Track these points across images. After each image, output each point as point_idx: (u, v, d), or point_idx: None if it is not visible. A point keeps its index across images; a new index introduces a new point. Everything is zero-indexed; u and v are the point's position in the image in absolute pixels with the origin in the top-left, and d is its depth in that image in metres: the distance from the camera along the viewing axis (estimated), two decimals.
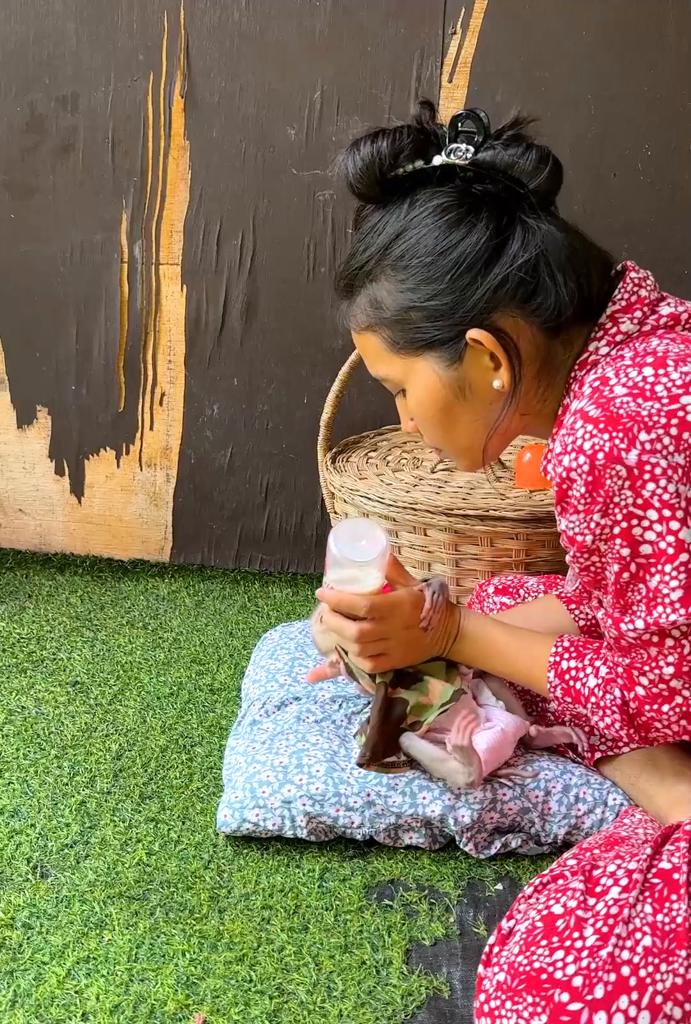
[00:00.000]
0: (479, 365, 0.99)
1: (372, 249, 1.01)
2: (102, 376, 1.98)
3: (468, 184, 0.98)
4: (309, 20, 1.75)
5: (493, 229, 0.96)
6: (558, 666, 1.08)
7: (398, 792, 1.17)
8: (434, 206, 0.97)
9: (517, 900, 0.90)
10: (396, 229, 0.99)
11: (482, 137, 0.97)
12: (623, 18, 1.71)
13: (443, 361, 1.00)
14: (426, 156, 0.98)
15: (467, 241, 0.96)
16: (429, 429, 1.07)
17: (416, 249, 0.98)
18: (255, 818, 1.17)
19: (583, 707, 1.05)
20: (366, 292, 1.02)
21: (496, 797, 1.16)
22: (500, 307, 0.96)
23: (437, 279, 0.97)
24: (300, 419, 1.95)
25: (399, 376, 1.04)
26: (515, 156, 0.96)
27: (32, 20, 1.80)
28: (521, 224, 0.96)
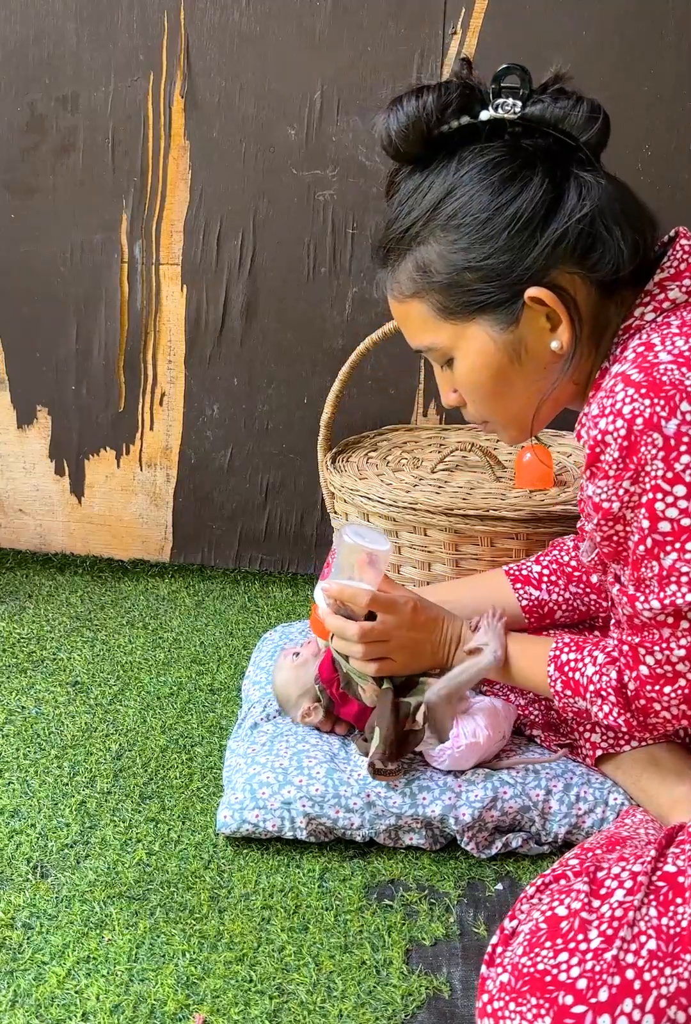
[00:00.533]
0: (536, 326, 0.96)
1: (417, 211, 0.97)
2: (102, 376, 1.98)
3: (517, 139, 0.95)
4: (309, 20, 1.75)
5: (548, 184, 0.93)
6: (558, 659, 1.08)
7: (398, 793, 1.17)
8: (485, 162, 0.94)
9: (519, 900, 0.90)
10: (445, 188, 0.95)
11: (528, 91, 0.94)
12: (623, 18, 1.71)
13: (498, 324, 0.96)
14: (473, 111, 0.95)
15: (523, 196, 0.93)
16: (479, 398, 1.03)
17: (469, 207, 0.94)
18: (255, 819, 1.17)
19: (582, 698, 1.05)
20: (412, 256, 0.98)
21: (497, 795, 1.16)
22: (558, 264, 0.93)
23: (493, 237, 0.93)
24: (300, 419, 1.95)
25: (448, 343, 1.00)
26: (566, 109, 0.93)
27: (32, 20, 1.81)
28: (575, 178, 0.93)
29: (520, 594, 1.29)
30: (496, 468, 1.68)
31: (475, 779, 1.18)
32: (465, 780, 1.18)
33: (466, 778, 1.18)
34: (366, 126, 1.78)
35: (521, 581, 1.30)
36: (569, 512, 1.51)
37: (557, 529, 1.51)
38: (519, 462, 1.63)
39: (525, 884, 1.13)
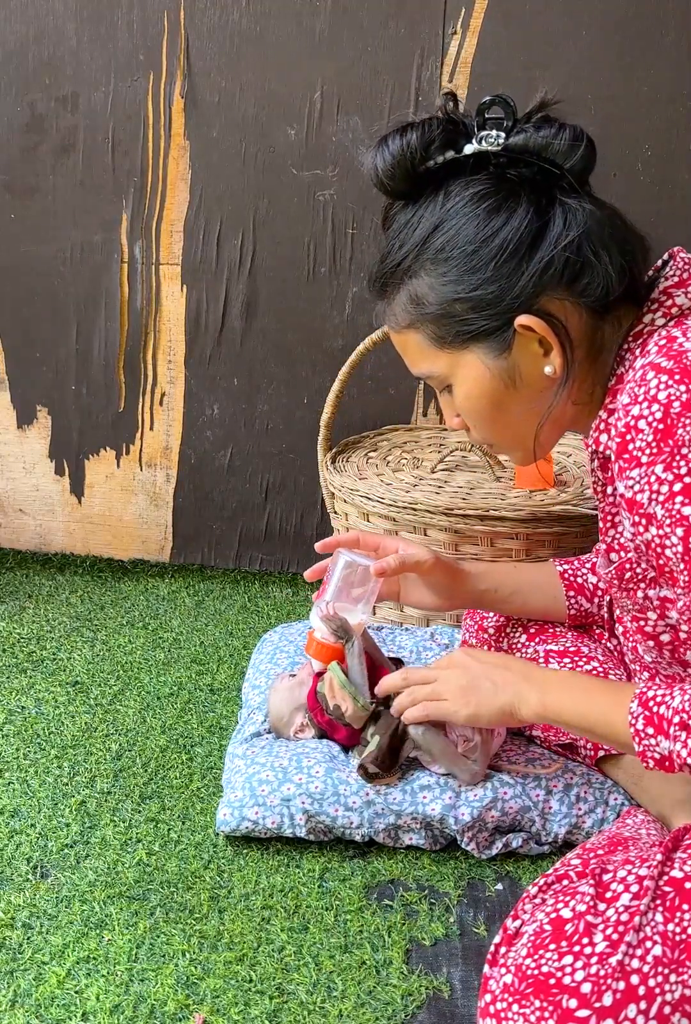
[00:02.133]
0: (529, 352, 0.97)
1: (409, 245, 0.99)
2: (102, 376, 1.98)
3: (502, 170, 0.96)
4: (309, 20, 1.75)
5: (533, 212, 0.94)
6: (644, 695, 0.95)
7: (398, 791, 1.17)
8: (471, 195, 0.95)
9: (521, 900, 0.90)
10: (433, 222, 0.97)
11: (511, 122, 0.96)
12: (623, 18, 1.71)
13: (492, 351, 0.98)
14: (457, 146, 0.97)
15: (509, 227, 0.94)
16: (479, 423, 1.04)
17: (456, 240, 0.96)
18: (254, 816, 1.17)
19: (666, 737, 0.91)
20: (405, 289, 1.00)
21: (497, 796, 1.16)
22: (547, 291, 0.94)
23: (481, 268, 0.95)
24: (300, 419, 1.95)
25: (445, 372, 1.01)
26: (548, 137, 0.94)
27: (32, 20, 1.81)
28: (561, 205, 0.94)
29: (571, 602, 1.28)
30: (496, 468, 1.68)
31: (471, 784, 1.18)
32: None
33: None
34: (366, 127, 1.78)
35: (575, 589, 1.29)
36: (569, 512, 1.51)
37: (557, 529, 1.51)
38: None
39: (525, 884, 1.13)
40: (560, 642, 1.29)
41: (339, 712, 1.21)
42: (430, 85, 1.76)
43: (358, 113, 1.78)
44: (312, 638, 1.26)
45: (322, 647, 1.24)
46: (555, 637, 1.30)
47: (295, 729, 1.27)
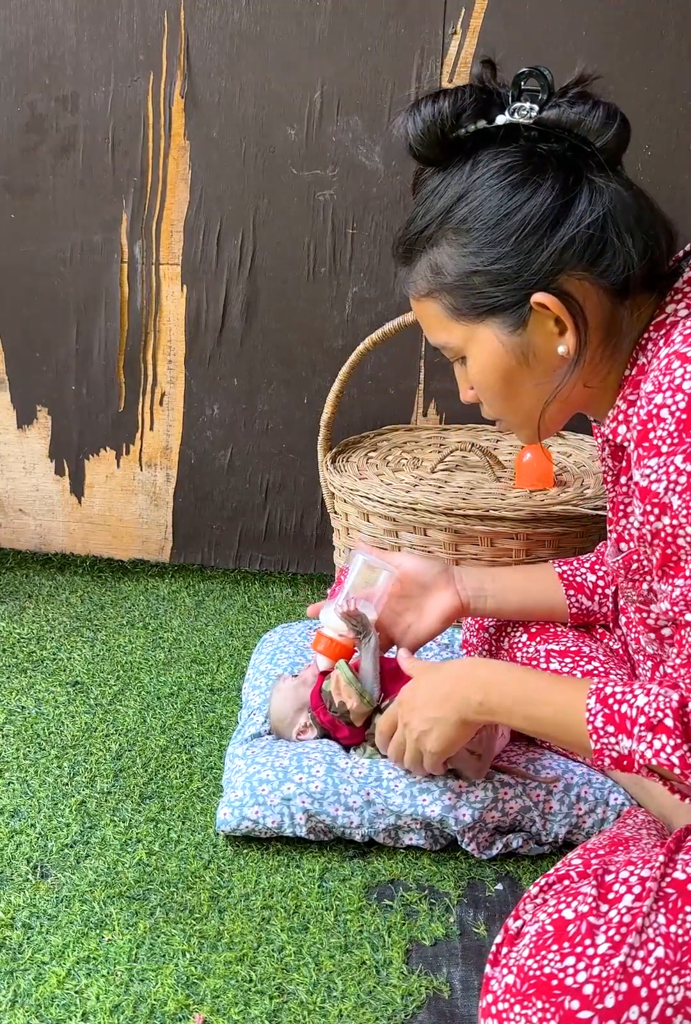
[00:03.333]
0: (544, 330, 0.96)
1: (433, 213, 0.98)
2: (102, 376, 1.98)
3: (533, 144, 0.94)
4: (309, 20, 1.75)
5: (559, 189, 0.92)
6: (601, 692, 0.92)
7: (398, 793, 1.17)
8: (498, 166, 0.94)
9: (522, 899, 0.89)
10: (458, 191, 0.96)
11: (546, 95, 0.94)
12: (623, 18, 1.71)
13: (506, 327, 0.97)
14: (489, 116, 0.95)
15: (532, 202, 0.93)
16: (490, 397, 1.04)
17: (479, 211, 0.95)
18: (254, 815, 1.17)
19: (628, 737, 0.88)
20: (426, 257, 0.99)
21: (497, 796, 1.16)
22: (567, 270, 0.93)
23: (501, 242, 0.94)
24: (300, 419, 1.95)
25: (459, 343, 1.01)
26: (581, 114, 0.92)
27: (32, 20, 1.81)
28: (588, 183, 0.93)
29: (571, 601, 1.28)
30: (496, 468, 1.68)
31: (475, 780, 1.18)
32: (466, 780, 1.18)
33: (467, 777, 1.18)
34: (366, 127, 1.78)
35: (574, 588, 1.29)
36: (569, 512, 1.51)
37: (557, 529, 1.51)
38: (519, 462, 1.63)
39: (525, 884, 1.13)
40: (561, 642, 1.29)
41: (344, 709, 1.21)
42: (430, 85, 1.76)
43: (358, 113, 1.78)
44: (320, 635, 1.26)
45: (331, 644, 1.24)
46: (556, 637, 1.30)
47: (298, 730, 1.27)
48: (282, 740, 1.29)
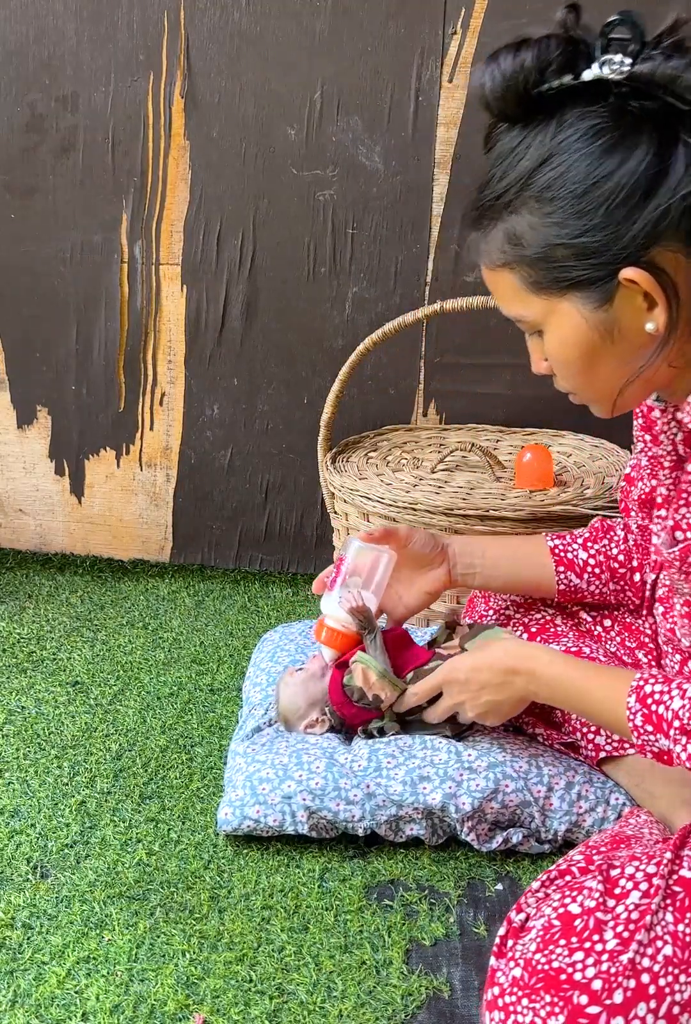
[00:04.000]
0: (632, 306, 0.89)
1: (511, 177, 0.90)
2: (102, 376, 1.98)
3: (624, 101, 0.86)
4: (309, 20, 1.75)
5: (653, 154, 0.85)
6: (641, 690, 0.94)
7: (398, 781, 1.17)
8: (585, 128, 0.86)
9: (525, 894, 0.89)
10: (541, 154, 0.88)
11: (639, 46, 0.85)
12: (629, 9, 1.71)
13: (591, 302, 0.90)
14: (575, 69, 0.87)
15: (624, 169, 0.85)
16: (567, 373, 0.98)
17: (565, 178, 0.87)
18: (256, 815, 1.17)
19: (665, 736, 0.91)
20: (503, 225, 0.92)
21: (498, 787, 1.16)
22: (659, 242, 0.86)
23: (589, 213, 0.87)
24: (300, 419, 1.95)
25: (538, 317, 0.94)
26: (678, 69, 0.83)
27: (32, 20, 1.81)
28: (685, 147, 0.85)
29: (560, 577, 1.27)
30: (496, 468, 1.68)
31: (477, 768, 1.18)
32: (467, 769, 1.18)
33: (468, 767, 1.18)
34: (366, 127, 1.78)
35: (564, 564, 1.28)
36: (569, 512, 1.51)
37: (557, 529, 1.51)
38: (519, 462, 1.63)
39: (525, 884, 1.13)
40: (562, 642, 1.29)
41: (378, 701, 1.22)
42: (430, 85, 1.76)
43: (358, 113, 1.78)
44: (323, 625, 1.26)
45: (335, 634, 1.24)
46: (557, 636, 1.30)
47: (307, 723, 1.27)
48: (283, 735, 1.29)
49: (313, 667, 1.29)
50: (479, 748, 1.22)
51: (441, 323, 1.85)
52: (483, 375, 1.88)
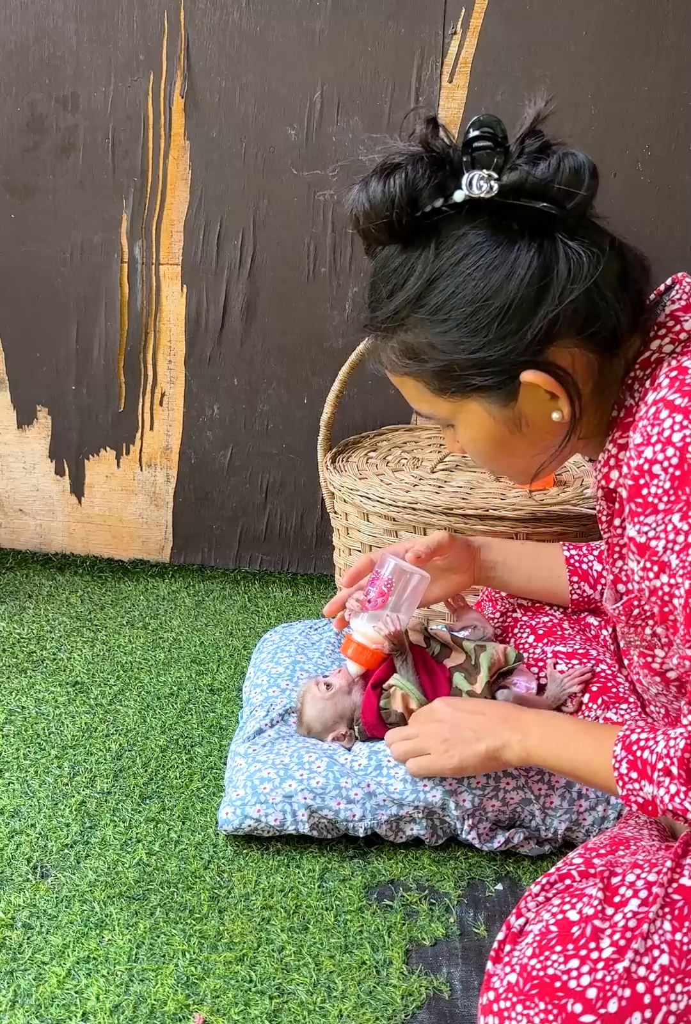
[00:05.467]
0: (536, 399, 0.92)
1: (401, 298, 0.92)
2: (102, 376, 1.98)
3: (498, 215, 0.88)
4: (309, 20, 1.75)
5: (536, 265, 0.86)
6: (627, 738, 0.94)
7: (399, 779, 1.17)
8: (466, 248, 0.88)
9: (524, 897, 0.89)
10: (426, 278, 0.90)
11: (503, 157, 0.86)
12: (623, 18, 1.71)
13: (496, 402, 0.93)
14: (445, 192, 0.88)
15: (511, 283, 0.87)
16: (482, 461, 1.02)
17: (454, 299, 0.89)
18: (257, 814, 1.17)
19: (649, 782, 0.90)
20: (399, 339, 0.94)
21: (499, 785, 1.16)
22: (554, 342, 0.89)
23: (482, 330, 0.89)
24: (300, 419, 1.95)
25: (446, 415, 0.97)
26: (546, 176, 0.85)
27: (32, 20, 1.80)
28: (564, 249, 0.87)
29: (574, 587, 1.29)
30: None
31: None
32: None
33: None
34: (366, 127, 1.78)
35: (579, 575, 1.29)
36: (569, 512, 1.51)
37: (557, 529, 1.51)
38: None
39: (525, 885, 1.13)
40: (569, 644, 1.29)
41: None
42: (430, 85, 1.76)
43: (358, 113, 1.78)
44: (350, 640, 1.27)
45: (362, 650, 1.25)
46: (563, 639, 1.30)
47: (335, 736, 1.27)
48: (284, 736, 1.29)
49: (341, 682, 1.29)
50: None
51: None
52: None
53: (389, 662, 1.26)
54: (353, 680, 1.28)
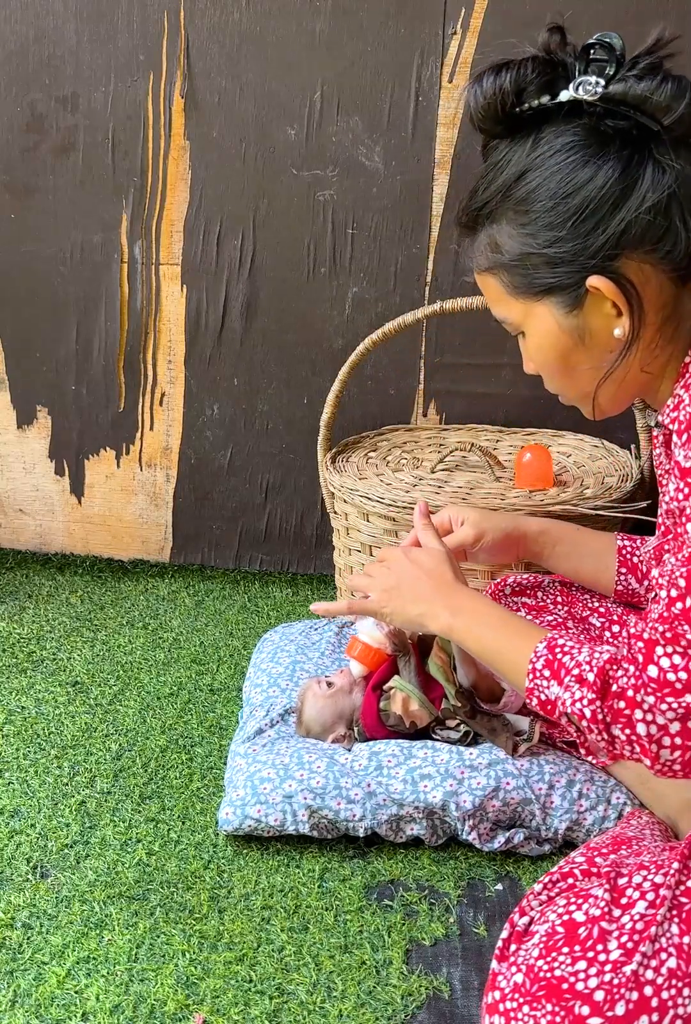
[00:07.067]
0: (600, 312, 0.94)
1: (493, 188, 0.96)
2: (102, 376, 1.98)
3: (597, 120, 0.91)
4: (309, 20, 1.75)
5: (621, 170, 0.90)
6: (554, 640, 0.98)
7: (399, 780, 1.17)
8: (560, 145, 0.92)
9: (526, 896, 0.89)
10: (519, 169, 0.94)
11: (614, 68, 0.91)
12: (623, 18, 1.71)
13: (563, 307, 0.96)
14: (553, 90, 0.92)
15: (592, 184, 0.90)
16: (547, 373, 1.04)
17: (538, 192, 0.93)
18: (257, 814, 1.17)
19: (558, 684, 0.93)
20: (486, 233, 0.98)
21: (499, 785, 1.16)
22: (626, 253, 0.91)
23: (558, 225, 0.92)
24: (300, 419, 1.95)
25: (518, 319, 1.00)
26: (648, 89, 0.88)
27: (32, 20, 1.80)
28: (653, 163, 0.89)
29: (620, 579, 1.29)
30: (496, 468, 1.68)
31: (478, 766, 1.18)
32: (468, 767, 1.18)
33: (469, 764, 1.18)
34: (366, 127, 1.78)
35: (628, 567, 1.29)
36: (569, 512, 1.51)
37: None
38: (519, 462, 1.63)
39: (525, 884, 1.13)
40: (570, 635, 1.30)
41: (413, 728, 1.24)
42: (430, 85, 1.76)
43: (358, 113, 1.78)
44: (355, 640, 1.27)
45: (367, 650, 1.26)
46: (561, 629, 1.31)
47: (334, 737, 1.27)
48: (284, 736, 1.29)
49: (342, 682, 1.29)
50: (480, 746, 1.22)
51: (441, 323, 1.85)
52: (483, 375, 1.88)
53: (390, 664, 1.26)
54: (355, 681, 1.28)
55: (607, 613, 1.34)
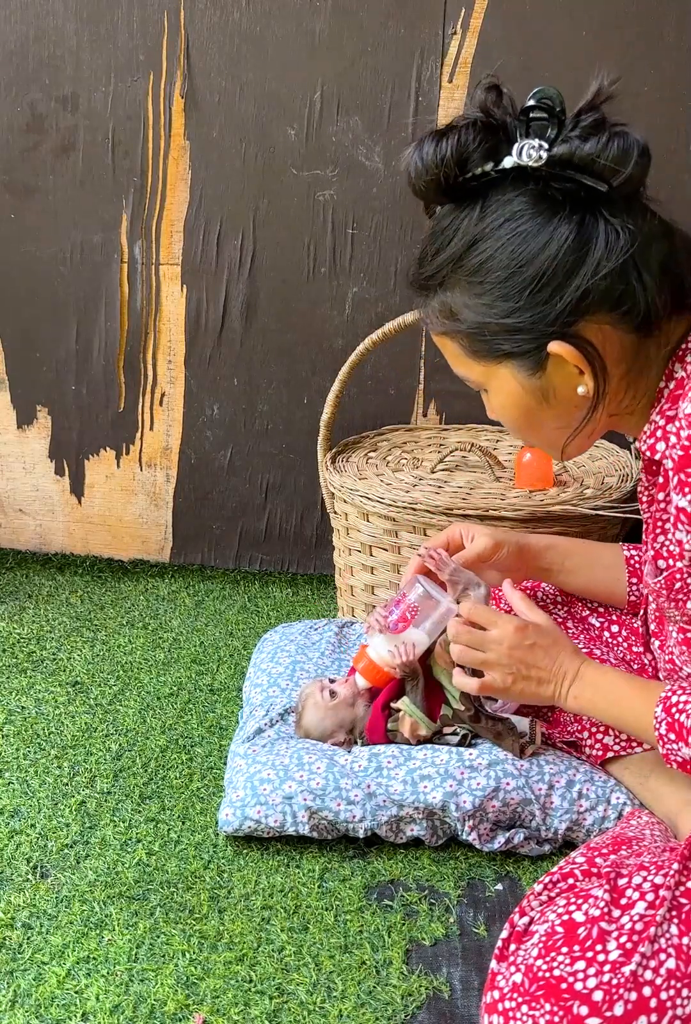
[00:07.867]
0: (563, 372, 0.94)
1: (443, 258, 0.96)
2: (102, 376, 1.98)
3: (544, 185, 0.90)
4: (309, 20, 1.75)
5: (573, 237, 0.89)
6: (668, 700, 0.98)
7: (399, 781, 1.17)
8: (509, 213, 0.91)
9: (527, 896, 0.89)
10: (469, 239, 0.93)
11: (556, 129, 0.89)
12: (623, 18, 1.71)
13: (525, 370, 0.96)
14: (496, 156, 0.90)
15: (545, 253, 0.89)
16: (513, 429, 1.05)
17: (491, 264, 0.92)
18: (257, 815, 1.17)
19: (686, 744, 0.95)
20: (439, 299, 0.98)
21: (499, 785, 1.16)
22: (584, 317, 0.91)
23: (514, 295, 0.91)
24: (300, 419, 1.95)
25: (479, 379, 1.01)
26: (593, 151, 0.86)
27: (32, 20, 1.80)
28: (604, 225, 0.89)
29: (632, 588, 1.29)
30: (496, 468, 1.68)
31: (478, 767, 1.18)
32: (468, 768, 1.18)
33: (469, 765, 1.18)
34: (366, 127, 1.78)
35: (637, 577, 1.28)
36: (569, 512, 1.51)
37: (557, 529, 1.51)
38: (519, 462, 1.63)
39: (525, 885, 1.13)
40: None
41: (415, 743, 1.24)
42: (430, 85, 1.76)
43: (358, 113, 1.78)
44: (364, 653, 1.26)
45: (373, 668, 1.25)
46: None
47: (333, 742, 1.27)
48: (284, 737, 1.29)
49: (346, 693, 1.28)
50: (480, 747, 1.22)
51: None
52: None
53: (398, 683, 1.25)
54: (358, 692, 1.28)
55: (606, 613, 1.34)
